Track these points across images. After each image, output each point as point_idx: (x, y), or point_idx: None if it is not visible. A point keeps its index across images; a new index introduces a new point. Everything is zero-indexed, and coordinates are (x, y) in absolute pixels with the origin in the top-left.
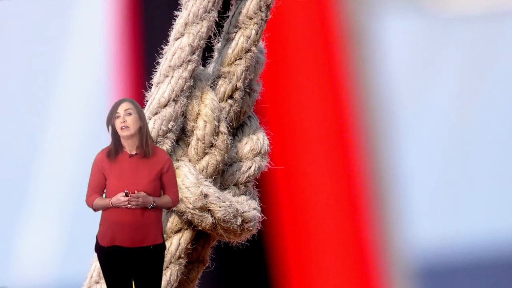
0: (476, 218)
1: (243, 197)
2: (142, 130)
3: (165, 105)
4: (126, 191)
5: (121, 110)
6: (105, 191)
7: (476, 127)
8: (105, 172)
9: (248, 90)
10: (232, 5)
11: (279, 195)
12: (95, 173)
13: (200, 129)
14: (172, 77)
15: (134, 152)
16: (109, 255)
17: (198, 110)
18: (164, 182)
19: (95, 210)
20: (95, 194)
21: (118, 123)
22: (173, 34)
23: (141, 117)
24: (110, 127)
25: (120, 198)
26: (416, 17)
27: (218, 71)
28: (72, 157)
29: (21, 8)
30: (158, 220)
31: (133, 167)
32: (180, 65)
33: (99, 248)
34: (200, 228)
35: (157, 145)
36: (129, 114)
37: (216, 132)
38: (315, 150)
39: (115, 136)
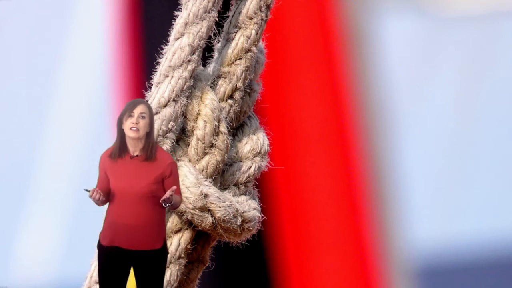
0: (476, 218)
1: (243, 197)
2: (150, 135)
3: (165, 105)
4: (84, 188)
5: (136, 111)
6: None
7: (476, 127)
8: (108, 172)
9: (248, 90)
10: (232, 5)
11: (279, 195)
12: (100, 172)
13: (200, 129)
14: (172, 77)
15: (136, 154)
16: (107, 255)
17: (198, 110)
18: (166, 186)
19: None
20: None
21: (129, 123)
22: (173, 34)
23: (152, 123)
24: (118, 125)
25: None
26: (416, 17)
27: (218, 71)
28: (72, 157)
29: (21, 8)
30: (161, 223)
31: (133, 167)
32: (180, 65)
33: (99, 246)
34: (200, 228)
35: (157, 145)
36: (143, 117)
37: (216, 132)
38: (315, 150)
39: (122, 136)
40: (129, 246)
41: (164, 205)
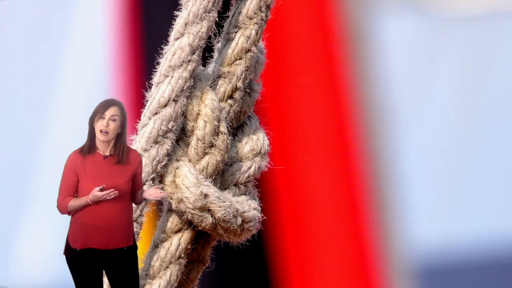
0: (476, 218)
1: (243, 197)
2: (120, 137)
3: (165, 105)
4: (101, 186)
5: (108, 113)
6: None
7: (476, 127)
8: (79, 173)
9: (248, 90)
10: (232, 5)
11: (279, 195)
12: (67, 175)
13: (200, 129)
14: (172, 77)
15: (108, 154)
16: (81, 258)
17: (198, 110)
18: (136, 182)
19: (70, 213)
20: (68, 197)
21: (99, 125)
22: (173, 34)
23: (123, 125)
24: (90, 124)
25: (97, 193)
26: (416, 17)
27: (218, 71)
28: None
29: (21, 8)
30: (130, 222)
31: (108, 167)
32: (180, 65)
33: (70, 251)
34: (200, 228)
35: (157, 145)
36: (114, 120)
37: (216, 132)
38: (315, 150)
39: (92, 135)
40: (105, 246)
41: (143, 202)
